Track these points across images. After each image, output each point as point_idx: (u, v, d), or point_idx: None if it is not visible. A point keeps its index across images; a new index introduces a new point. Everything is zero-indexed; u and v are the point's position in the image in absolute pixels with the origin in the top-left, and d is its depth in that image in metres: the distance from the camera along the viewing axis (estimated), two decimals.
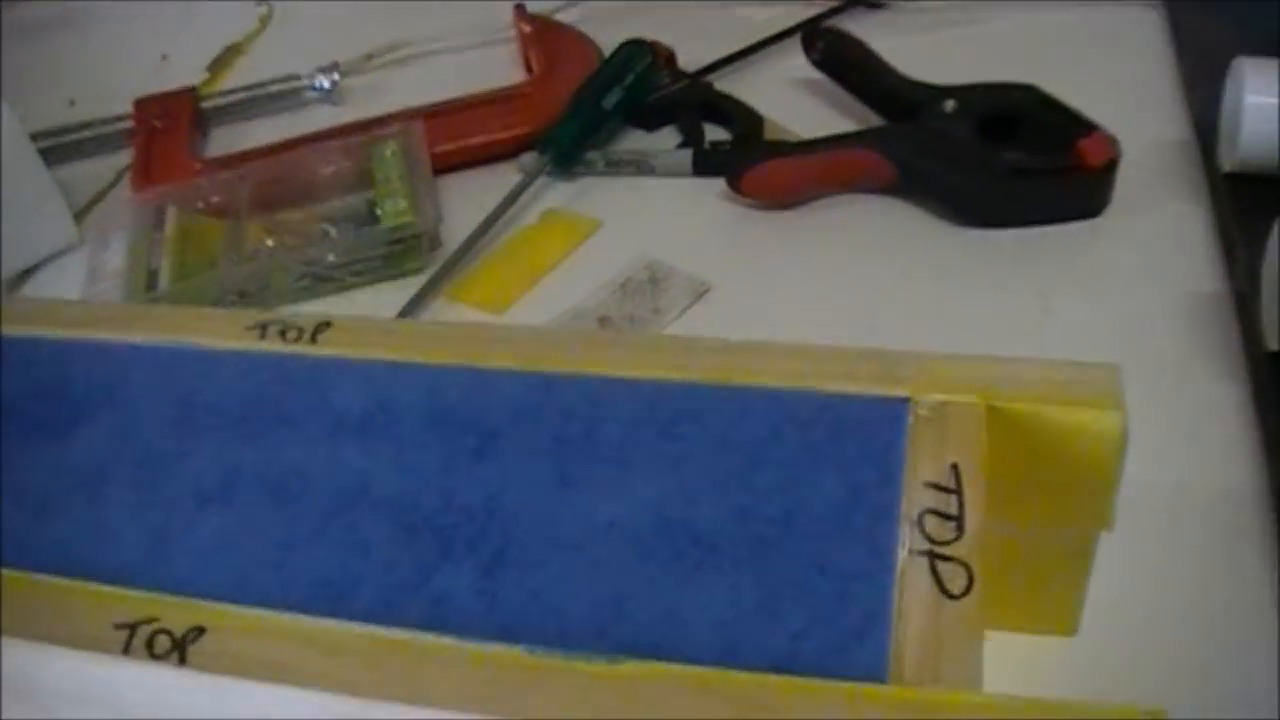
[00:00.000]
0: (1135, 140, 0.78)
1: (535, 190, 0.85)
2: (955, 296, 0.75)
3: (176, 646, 0.43)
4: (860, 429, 0.48)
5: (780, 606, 0.43)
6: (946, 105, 0.82)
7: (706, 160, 0.86)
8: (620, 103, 0.89)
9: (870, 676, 0.40)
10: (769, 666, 0.41)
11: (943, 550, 0.44)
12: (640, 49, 0.92)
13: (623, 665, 0.41)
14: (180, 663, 0.43)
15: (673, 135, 0.92)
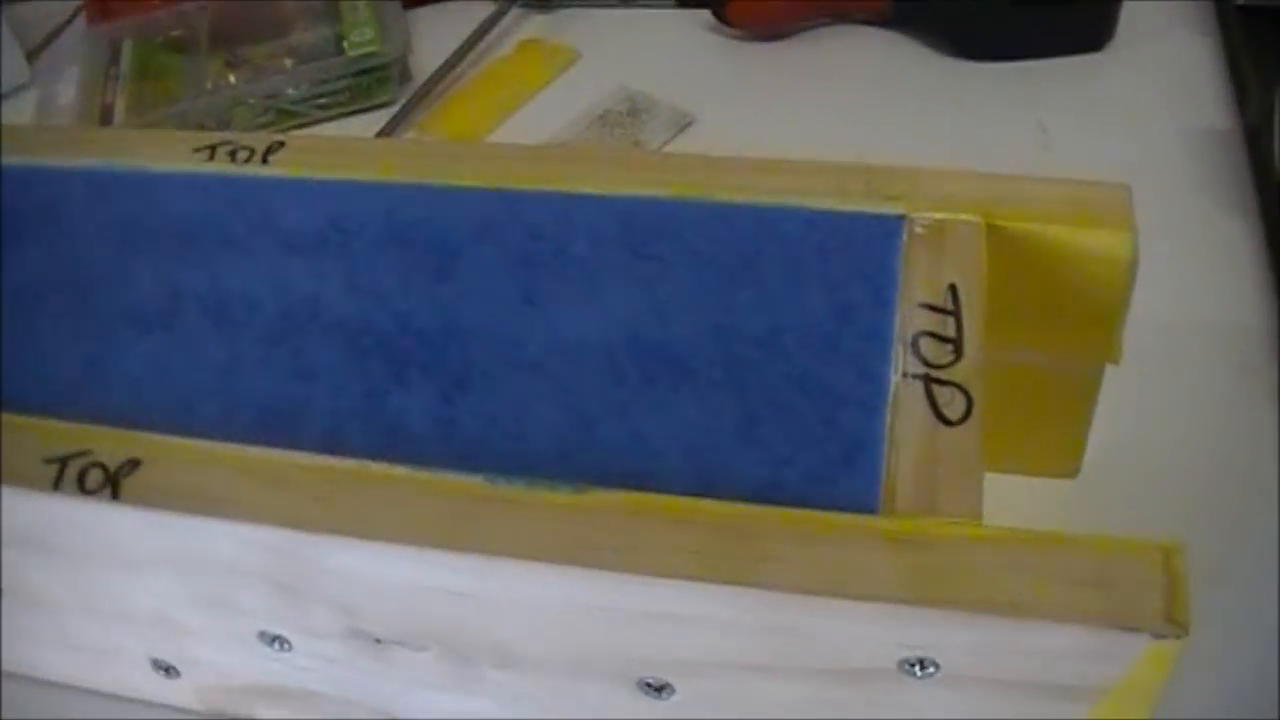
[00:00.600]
0: None
1: (511, 21, 0.81)
2: (952, 131, 0.71)
3: (109, 480, 0.40)
4: (850, 247, 0.45)
5: (761, 432, 0.40)
6: None
7: None
8: None
9: (860, 507, 0.37)
10: (750, 495, 0.38)
11: (939, 374, 0.41)
12: None
13: (589, 494, 0.37)
14: (113, 498, 0.39)
15: None
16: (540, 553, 0.36)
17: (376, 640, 0.41)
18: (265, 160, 0.51)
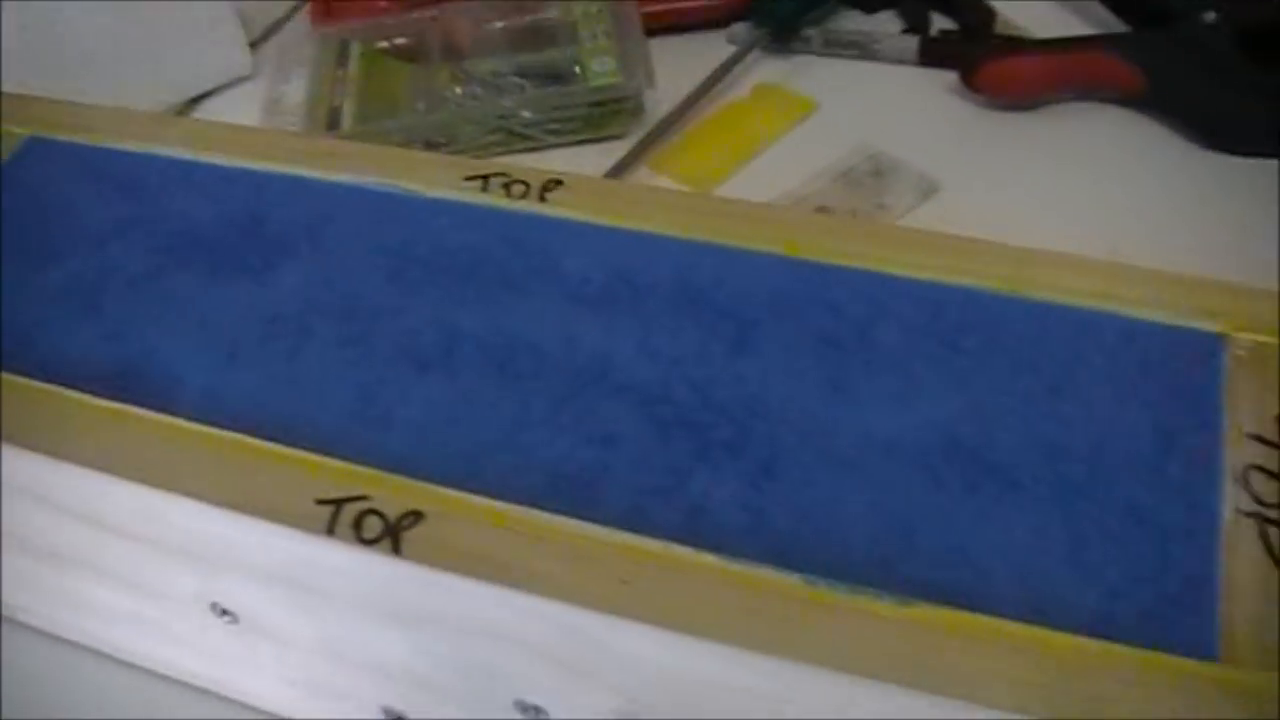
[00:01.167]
0: None
1: (745, 63, 0.78)
2: (1199, 226, 0.68)
3: (389, 531, 0.38)
4: (1170, 363, 0.42)
5: (1092, 559, 0.37)
6: (1206, 15, 0.74)
7: (935, 49, 0.79)
8: None
9: (1198, 652, 0.34)
10: (1080, 627, 0.35)
11: (1272, 514, 0.38)
12: None
13: (915, 608, 0.35)
14: (394, 552, 0.37)
15: (891, 20, 0.84)
16: (859, 666, 0.34)
17: None
18: (543, 198, 0.49)
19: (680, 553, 0.37)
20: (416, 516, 0.38)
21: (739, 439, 0.40)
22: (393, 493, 0.39)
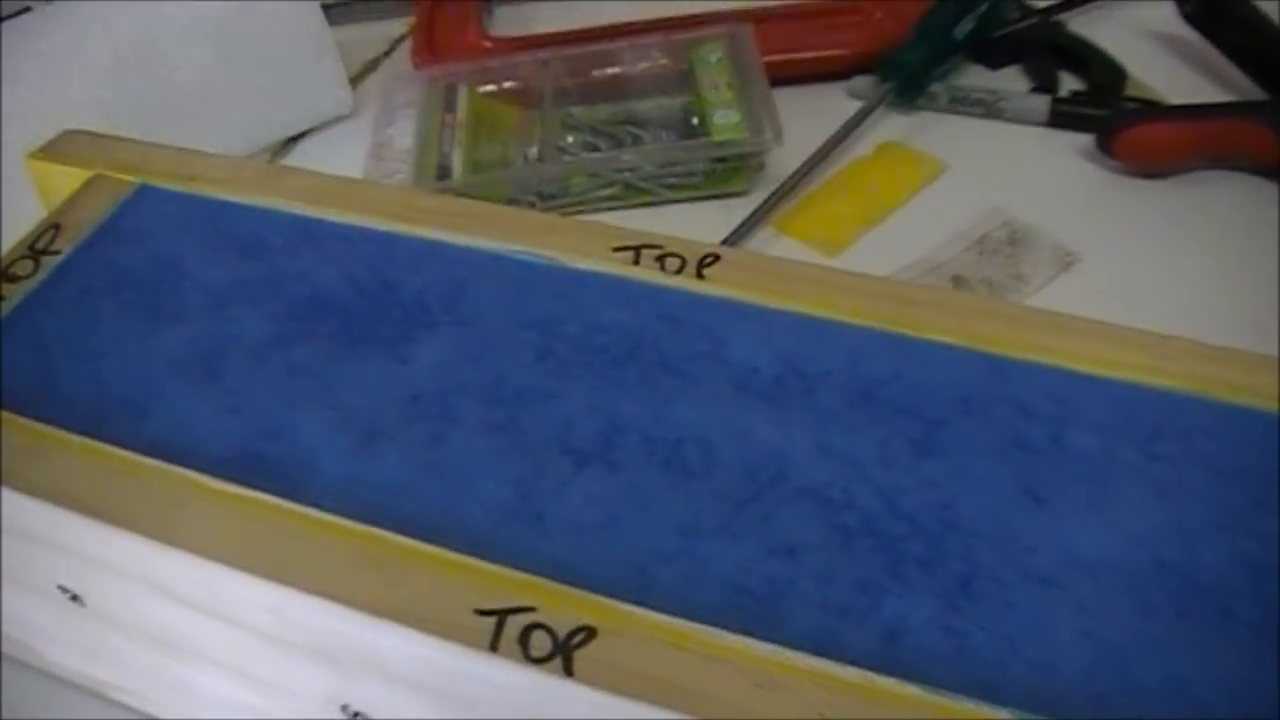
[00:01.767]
0: None
1: (869, 119, 0.75)
2: None
3: (559, 649, 0.35)
4: None
5: None
6: None
7: (1066, 111, 0.75)
8: (971, 33, 0.79)
9: None
10: None
11: None
12: None
13: None
14: (566, 673, 0.34)
15: (1016, 76, 0.81)
16: None
17: None
18: (700, 274, 0.46)
19: (882, 684, 0.34)
20: (588, 633, 0.35)
21: (933, 553, 0.37)
22: (560, 604, 0.36)
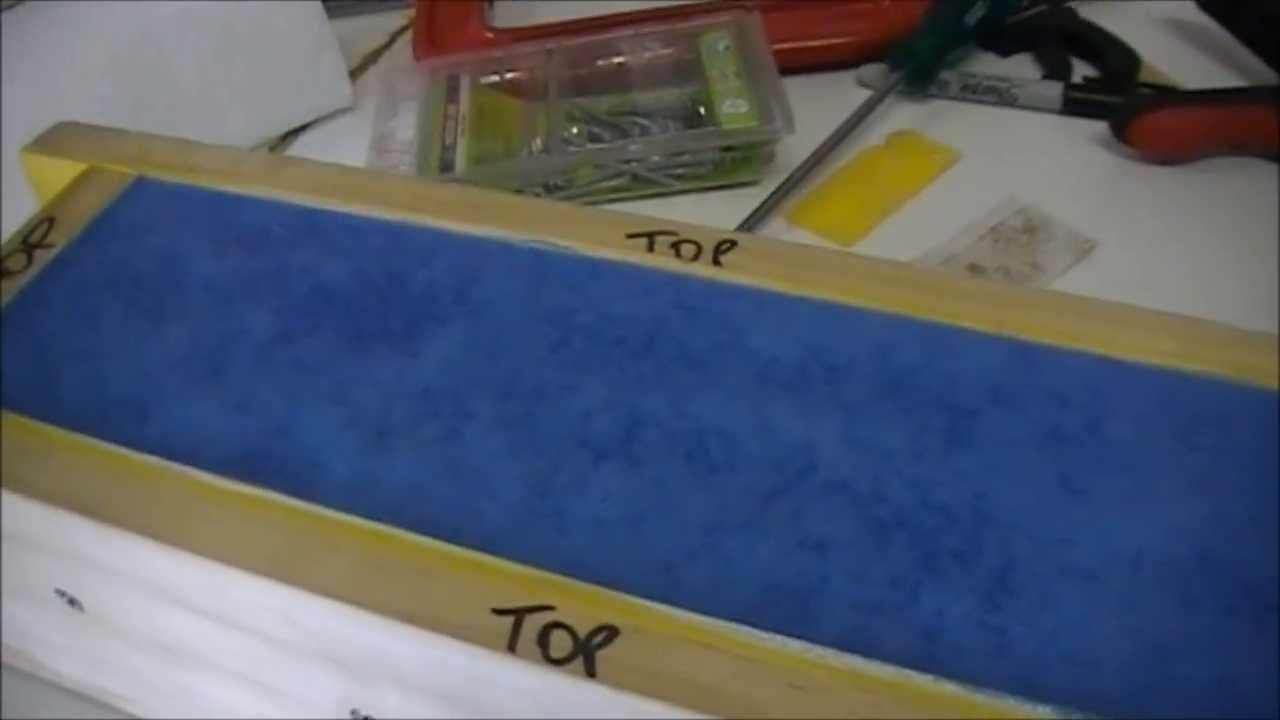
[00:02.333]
0: None
1: (880, 108, 0.74)
2: None
3: (580, 650, 0.33)
4: None
5: None
6: None
7: (1079, 98, 0.74)
8: (982, 20, 0.77)
9: None
10: None
11: None
12: None
13: None
14: (588, 674, 0.33)
15: (1027, 64, 0.80)
16: None
17: None
18: (717, 261, 0.45)
19: (918, 682, 0.32)
20: (610, 632, 0.34)
21: (968, 546, 0.36)
22: (580, 603, 0.35)
